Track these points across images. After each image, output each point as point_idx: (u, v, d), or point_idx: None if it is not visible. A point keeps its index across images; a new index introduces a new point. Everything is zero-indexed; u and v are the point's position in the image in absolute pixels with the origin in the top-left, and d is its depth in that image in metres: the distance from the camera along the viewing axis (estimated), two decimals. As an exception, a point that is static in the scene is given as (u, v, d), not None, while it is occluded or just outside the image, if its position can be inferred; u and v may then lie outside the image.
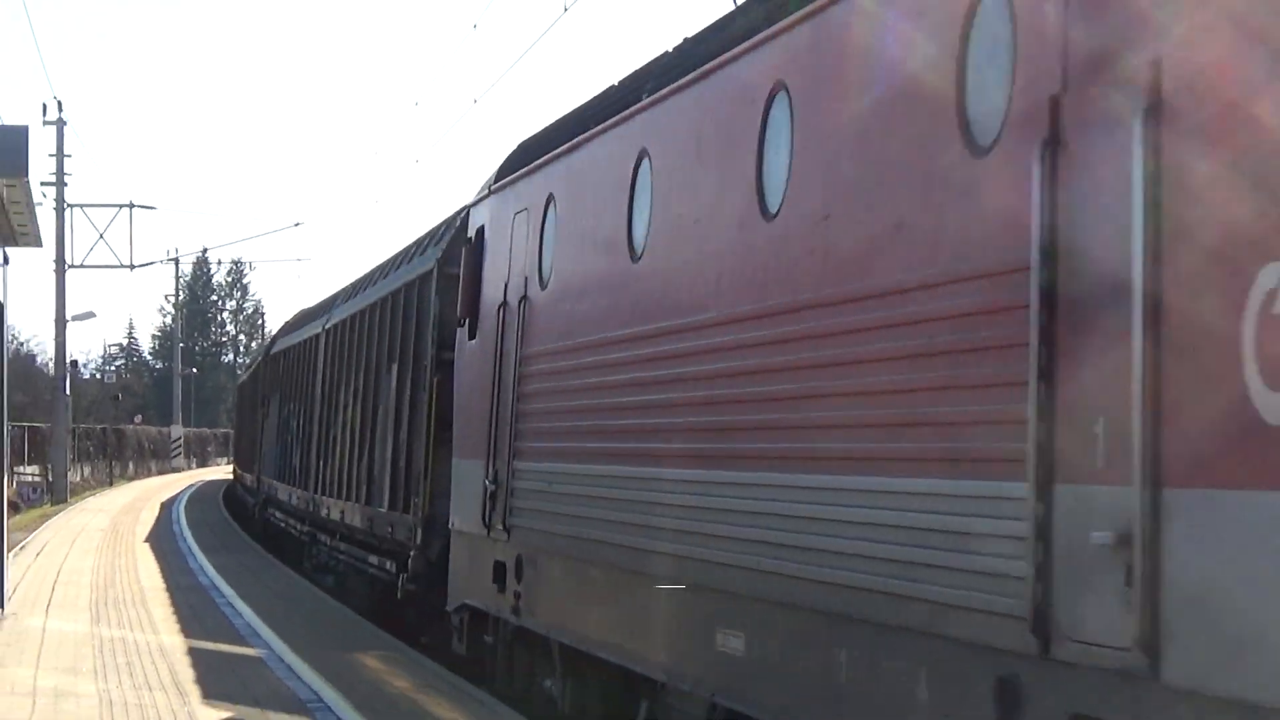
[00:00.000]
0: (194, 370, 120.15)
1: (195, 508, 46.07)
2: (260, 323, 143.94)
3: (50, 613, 19.45)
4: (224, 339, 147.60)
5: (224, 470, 75.98)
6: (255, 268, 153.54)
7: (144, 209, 56.81)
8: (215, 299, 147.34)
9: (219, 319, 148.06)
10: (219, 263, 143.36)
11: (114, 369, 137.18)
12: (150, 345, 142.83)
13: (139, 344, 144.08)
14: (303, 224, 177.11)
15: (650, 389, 10.16)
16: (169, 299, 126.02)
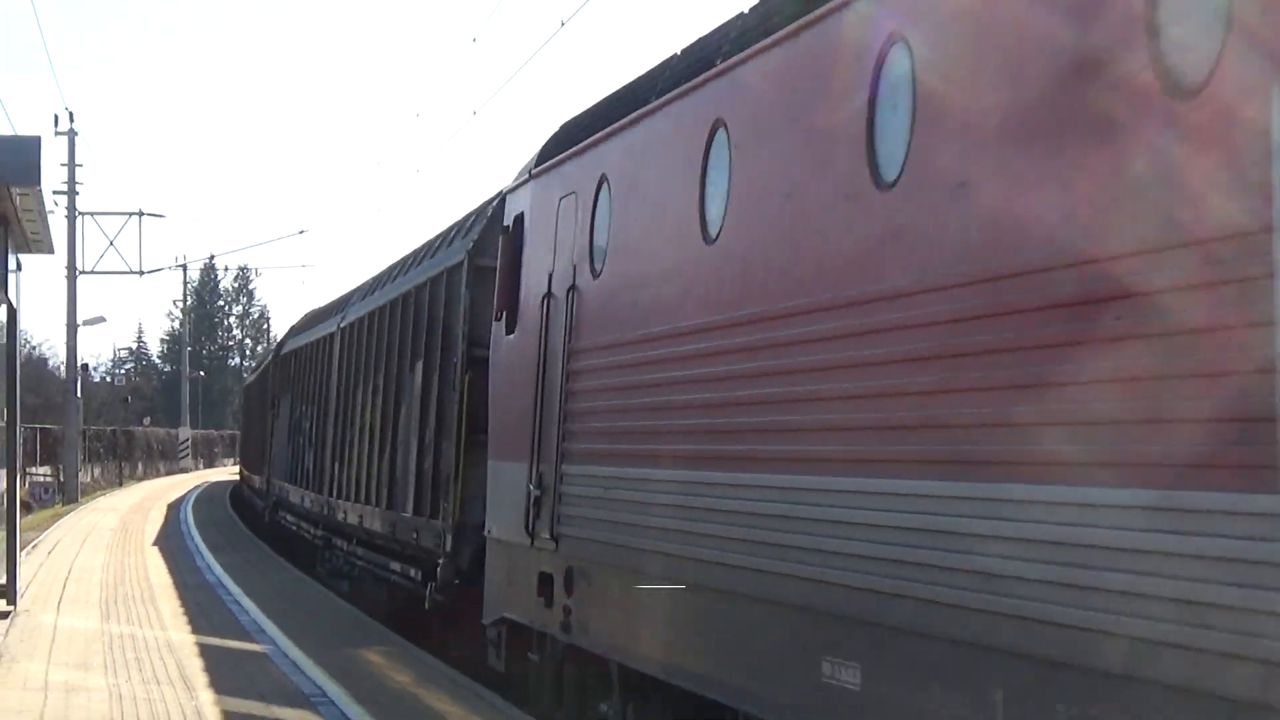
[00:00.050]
0: (201, 373, 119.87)
1: (202, 507, 46.01)
2: (265, 327, 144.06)
3: (62, 609, 19.41)
4: (230, 343, 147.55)
5: (230, 471, 75.84)
6: (261, 274, 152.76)
7: (153, 217, 56.44)
8: (222, 304, 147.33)
9: (226, 324, 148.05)
10: (226, 269, 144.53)
11: (124, 372, 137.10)
12: (159, 349, 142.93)
13: (148, 348, 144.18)
14: (307, 231, 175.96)
15: (734, 384, 8.83)
16: (177, 304, 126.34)
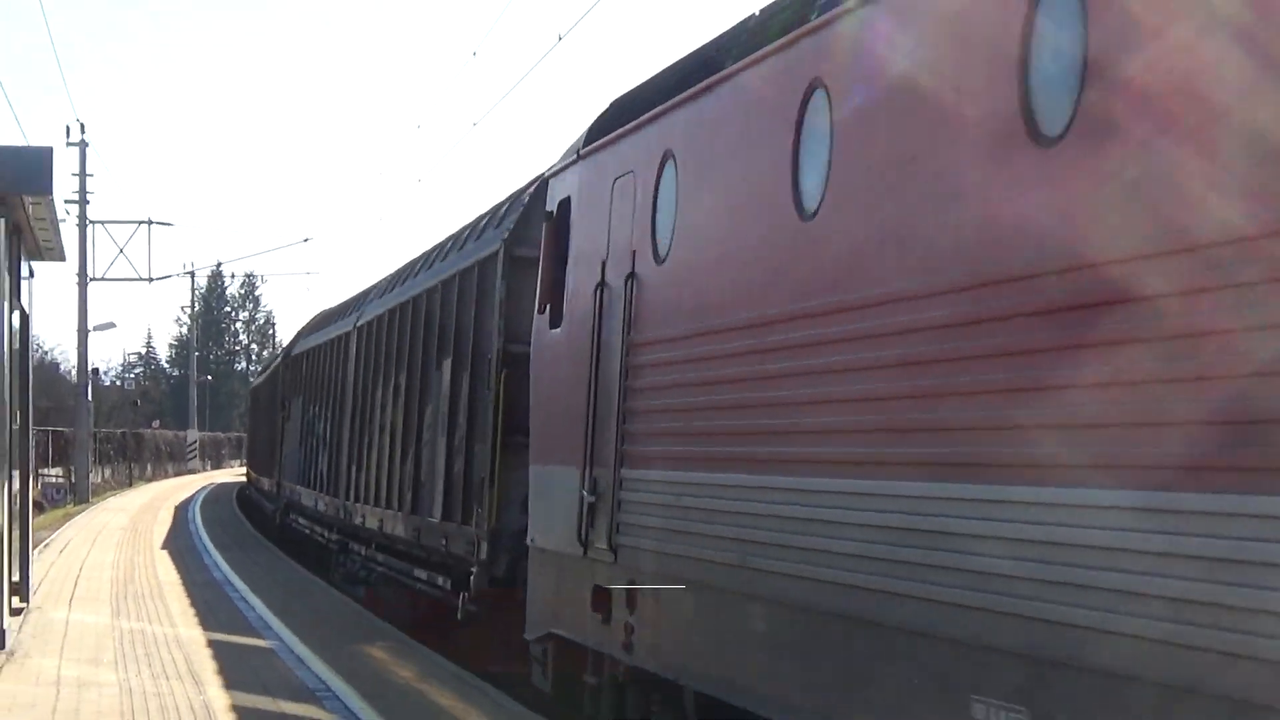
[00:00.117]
0: (209, 377, 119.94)
1: (210, 508, 45.95)
2: (271, 333, 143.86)
3: (73, 606, 19.34)
4: (237, 348, 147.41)
5: (235, 472, 75.84)
6: (266, 281, 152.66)
7: (162, 225, 56.85)
8: (229, 310, 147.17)
9: (232, 329, 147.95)
10: (232, 276, 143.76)
11: (133, 376, 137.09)
12: (167, 354, 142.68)
13: (157, 353, 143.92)
14: (311, 239, 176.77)
15: (850, 379, 7.44)
16: (185, 310, 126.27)
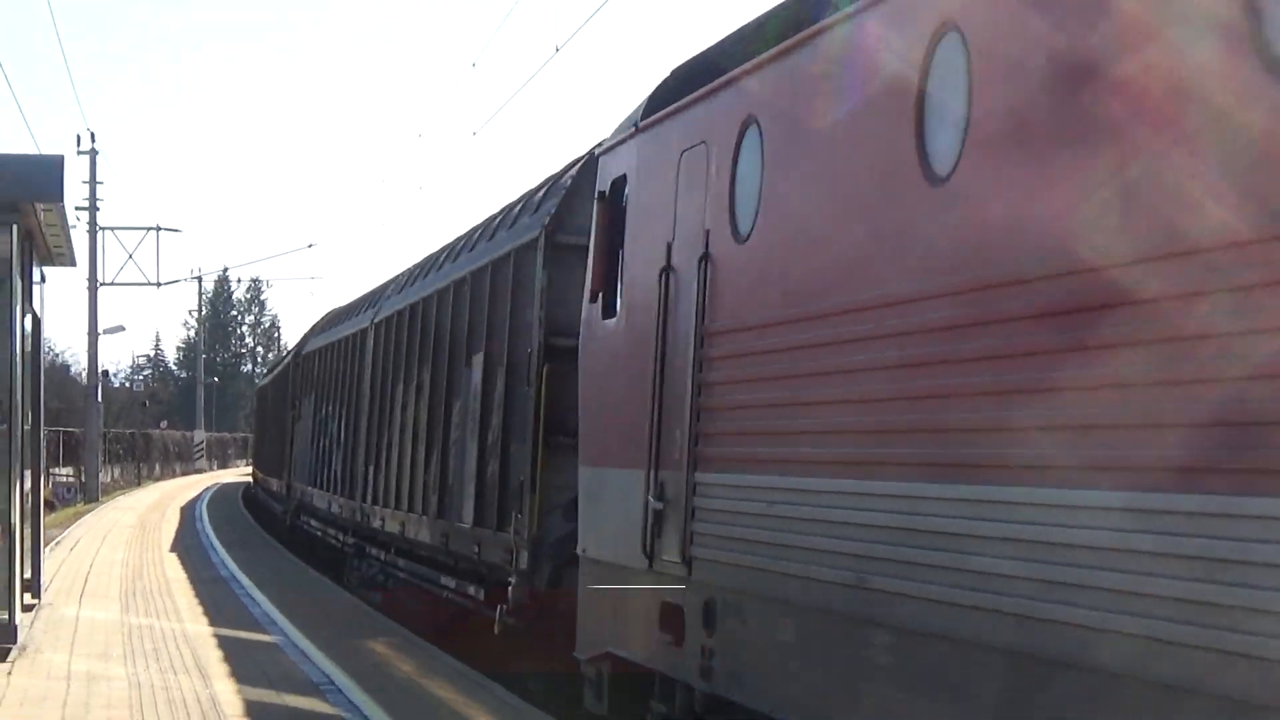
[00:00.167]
0: (215, 379, 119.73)
1: (216, 506, 45.97)
2: (276, 336, 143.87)
3: (83, 602, 19.32)
4: (243, 350, 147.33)
5: (242, 472, 75.82)
6: (272, 285, 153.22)
7: (170, 231, 56.48)
8: (235, 314, 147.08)
9: (238, 332, 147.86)
10: (238, 281, 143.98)
11: (142, 378, 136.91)
12: (175, 356, 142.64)
13: (165, 355, 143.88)
14: (316, 245, 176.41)
15: (998, 369, 6.12)
16: (192, 314, 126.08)
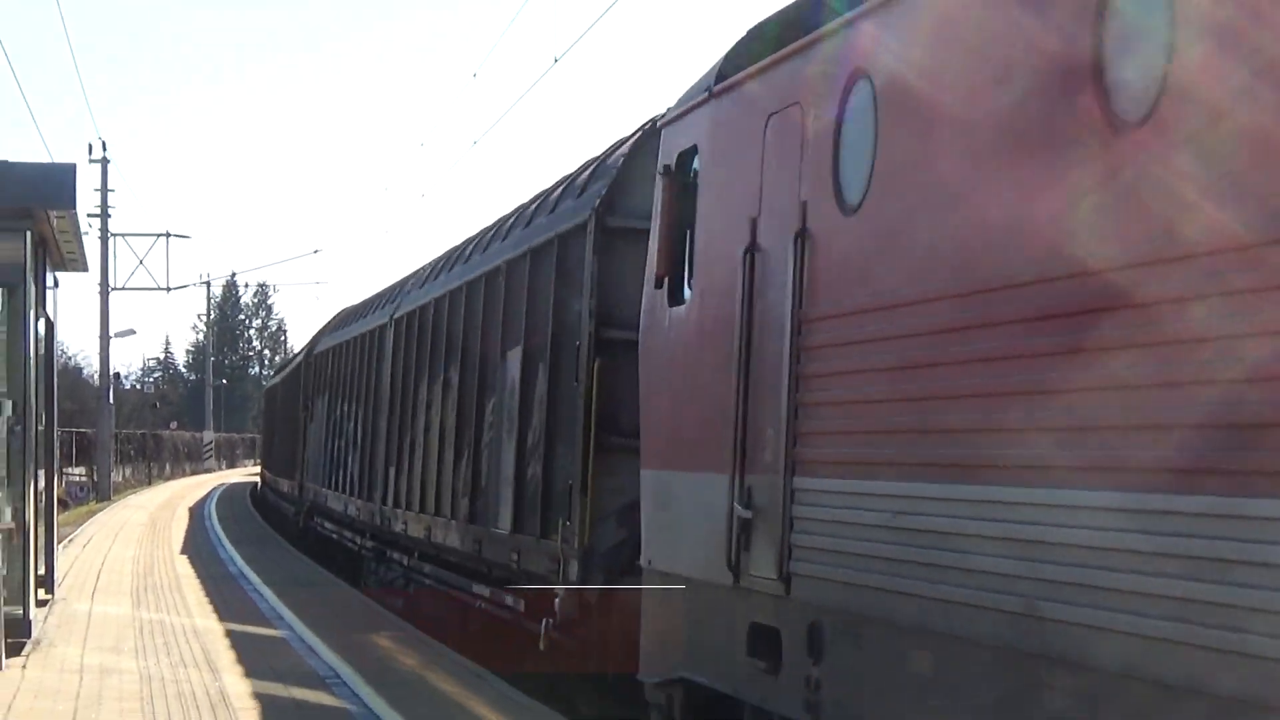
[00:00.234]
0: (223, 381, 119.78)
1: (225, 505, 45.93)
2: (283, 339, 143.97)
3: (96, 598, 19.32)
4: (250, 353, 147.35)
5: (249, 471, 75.81)
6: (278, 290, 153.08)
7: (179, 237, 56.77)
8: (242, 318, 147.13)
9: (246, 336, 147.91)
10: (246, 286, 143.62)
11: (152, 380, 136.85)
12: (184, 359, 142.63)
13: (174, 358, 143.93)
14: (321, 251, 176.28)
15: (1212, 352, 5.04)
16: (201, 318, 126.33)
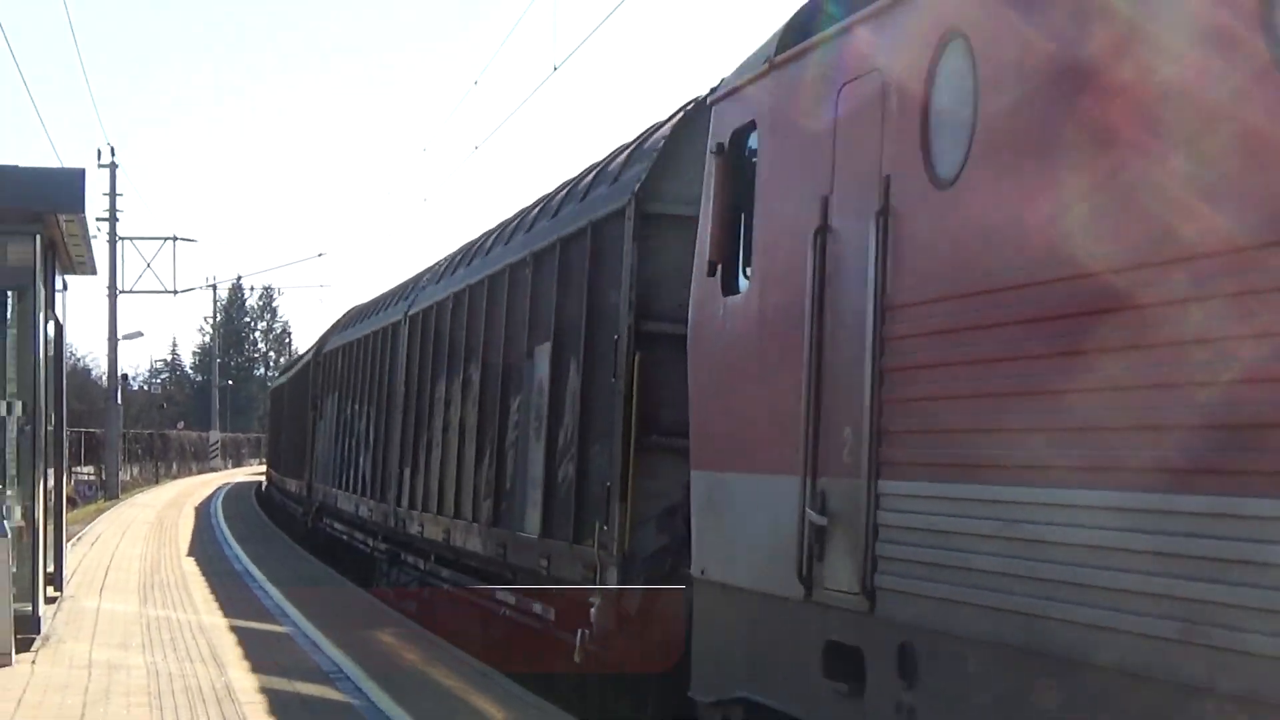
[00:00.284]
0: (229, 382, 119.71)
1: (230, 504, 45.93)
2: (287, 341, 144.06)
3: (104, 595, 19.30)
4: (256, 355, 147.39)
5: (254, 470, 75.83)
6: (283, 293, 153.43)
7: (186, 241, 56.81)
8: (248, 320, 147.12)
9: (251, 338, 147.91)
10: (251, 288, 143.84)
11: (159, 381, 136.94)
12: (191, 360, 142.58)
13: (181, 359, 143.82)
14: (325, 254, 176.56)
15: None
16: (207, 320, 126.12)
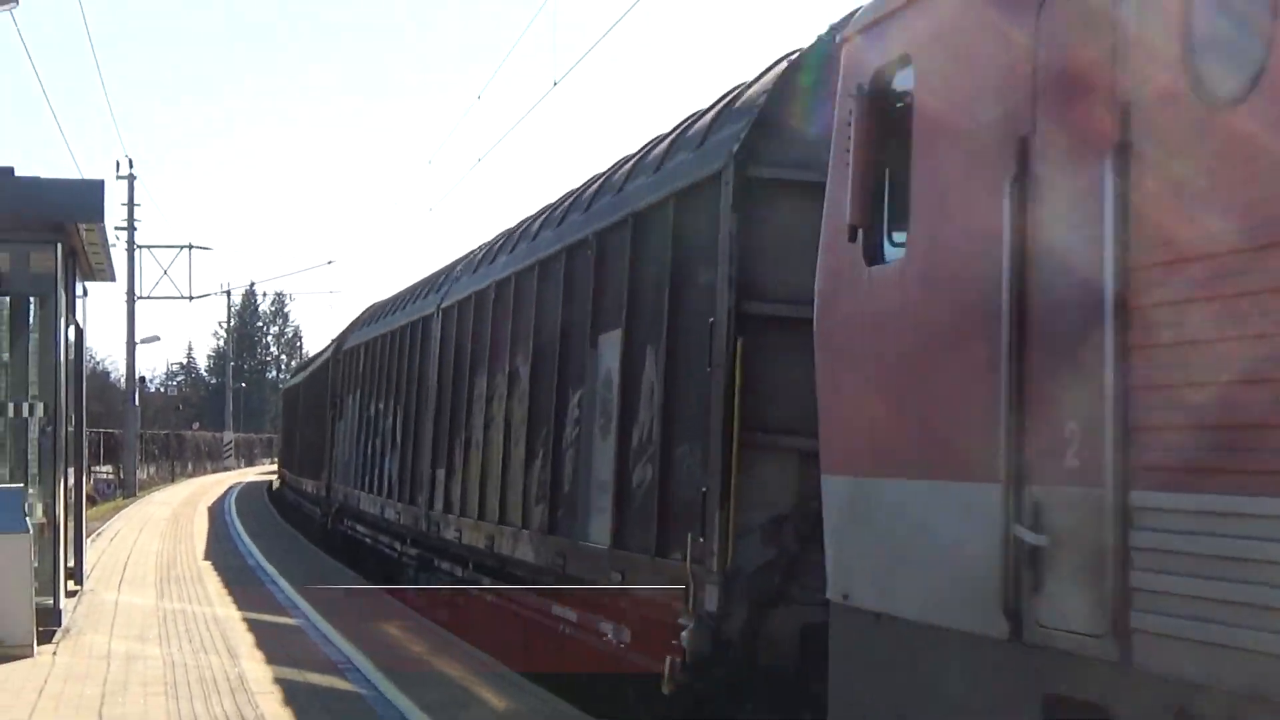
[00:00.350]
0: (243, 385, 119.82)
1: (243, 501, 45.93)
2: (299, 345, 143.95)
3: (122, 588, 19.32)
4: (268, 358, 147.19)
5: (266, 469, 75.78)
6: (294, 299, 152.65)
7: (201, 249, 56.33)
8: (260, 325, 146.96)
9: (264, 342, 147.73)
10: (264, 294, 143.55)
11: (175, 384, 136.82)
12: (206, 364, 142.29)
13: (196, 363, 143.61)
14: (334, 262, 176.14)
15: None
16: (222, 325, 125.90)
